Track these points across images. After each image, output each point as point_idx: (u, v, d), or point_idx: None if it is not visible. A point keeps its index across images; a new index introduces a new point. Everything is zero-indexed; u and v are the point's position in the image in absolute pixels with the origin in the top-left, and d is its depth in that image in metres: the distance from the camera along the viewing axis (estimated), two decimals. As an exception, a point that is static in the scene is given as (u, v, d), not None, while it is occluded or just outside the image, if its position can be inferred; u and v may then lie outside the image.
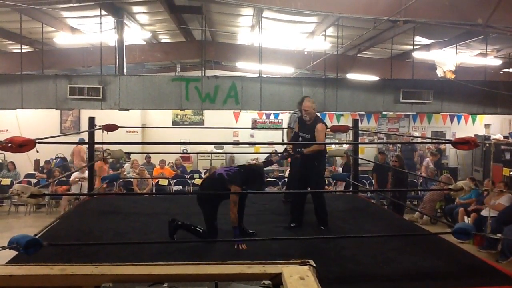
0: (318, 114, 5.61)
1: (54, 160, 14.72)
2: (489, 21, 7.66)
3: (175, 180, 12.40)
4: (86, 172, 8.47)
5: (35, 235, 3.80)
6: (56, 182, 11.62)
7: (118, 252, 4.24)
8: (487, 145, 13.07)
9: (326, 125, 5.49)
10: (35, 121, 14.71)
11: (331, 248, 4.48)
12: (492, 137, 15.15)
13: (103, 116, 8.89)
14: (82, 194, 9.95)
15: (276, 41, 12.62)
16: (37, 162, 14.58)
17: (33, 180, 12.59)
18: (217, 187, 4.80)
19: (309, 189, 5.60)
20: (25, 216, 11.56)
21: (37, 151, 3.68)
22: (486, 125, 17.51)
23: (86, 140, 11.78)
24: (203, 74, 11.00)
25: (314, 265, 2.20)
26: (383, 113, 15.92)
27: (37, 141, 3.64)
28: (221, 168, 5.18)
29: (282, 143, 5.55)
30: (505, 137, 15.67)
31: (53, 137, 4.73)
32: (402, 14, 7.77)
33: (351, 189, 8.05)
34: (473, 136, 11.12)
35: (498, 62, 12.97)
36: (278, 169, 14.21)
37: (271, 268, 2.15)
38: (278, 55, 13.40)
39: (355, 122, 7.61)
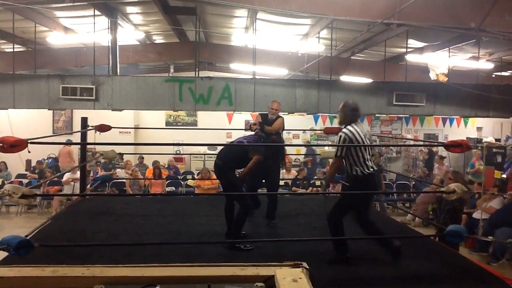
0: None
1: (46, 161, 14.64)
2: (482, 25, 7.71)
3: (168, 181, 12.36)
4: (78, 172, 8.42)
5: (26, 236, 3.77)
6: (48, 182, 11.54)
7: (110, 254, 4.22)
8: (479, 148, 13.14)
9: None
10: (27, 121, 14.60)
11: (325, 250, 4.48)
12: (484, 140, 15.24)
13: (96, 116, 8.85)
14: (74, 194, 9.89)
15: (270, 43, 12.63)
16: (28, 162, 14.49)
17: (25, 181, 12.50)
18: (238, 154, 4.92)
19: (268, 185, 5.95)
20: (16, 217, 11.47)
21: (29, 151, 3.65)
22: (478, 128, 17.64)
23: (75, 141, 11.81)
24: (197, 75, 10.99)
25: (307, 267, 2.19)
26: (376, 115, 15.98)
27: (29, 141, 3.61)
28: (238, 139, 5.21)
29: (271, 144, 5.61)
30: (497, 140, 15.78)
31: (45, 137, 4.70)
32: (396, 17, 7.81)
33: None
34: (465, 139, 11.19)
35: (490, 65, 13.08)
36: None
37: (264, 270, 2.14)
38: (272, 56, 13.42)
39: (348, 124, 7.60)
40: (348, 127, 4.43)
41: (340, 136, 4.39)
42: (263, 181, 5.96)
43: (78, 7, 9.37)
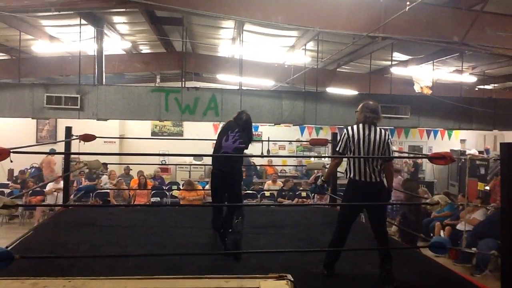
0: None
1: (29, 170, 14.44)
2: (465, 39, 7.84)
3: (153, 192, 12.27)
4: (61, 182, 8.31)
5: (7, 247, 3.70)
6: (30, 192, 11.37)
7: (93, 266, 4.16)
8: (463, 160, 13.30)
9: None
10: (10, 130, 14.42)
11: (309, 261, 4.47)
12: (468, 152, 15.44)
13: (80, 126, 8.76)
14: (56, 205, 9.75)
15: (257, 54, 12.69)
16: (11, 171, 14.28)
17: (7, 190, 12.31)
18: (239, 160, 5.02)
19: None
20: (-3, 227, 11.27)
21: (11, 161, 3.59)
22: (462, 140, 17.88)
23: (58, 150, 11.67)
24: (183, 86, 10.97)
25: (292, 279, 2.18)
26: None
27: (11, 150, 3.55)
28: (229, 144, 4.91)
29: (261, 156, 5.57)
30: (480, 152, 15.99)
31: (28, 147, 4.64)
32: (381, 30, 7.90)
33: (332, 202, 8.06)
34: (449, 151, 11.32)
35: (473, 79, 13.29)
36: (257, 181, 14.19)
37: (248, 282, 2.13)
38: (259, 68, 13.48)
39: (334, 135, 7.67)
40: (354, 125, 4.16)
41: (342, 132, 4.22)
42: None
43: (64, 16, 9.32)
